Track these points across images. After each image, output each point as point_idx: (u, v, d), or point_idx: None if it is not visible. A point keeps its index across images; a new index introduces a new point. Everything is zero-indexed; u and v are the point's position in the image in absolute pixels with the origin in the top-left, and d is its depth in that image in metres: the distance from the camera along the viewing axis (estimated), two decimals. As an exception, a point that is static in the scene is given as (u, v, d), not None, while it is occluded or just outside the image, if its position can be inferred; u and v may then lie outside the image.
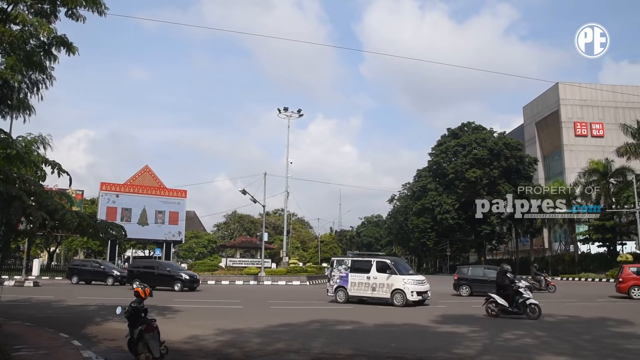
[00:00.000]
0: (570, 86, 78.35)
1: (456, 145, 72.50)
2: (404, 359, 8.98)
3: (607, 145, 67.45)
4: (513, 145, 70.79)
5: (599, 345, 10.42)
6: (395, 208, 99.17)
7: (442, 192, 72.50)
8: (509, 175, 69.97)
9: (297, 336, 11.64)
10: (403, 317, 15.82)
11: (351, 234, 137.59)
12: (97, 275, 36.11)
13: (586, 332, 12.54)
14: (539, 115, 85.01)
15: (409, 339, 11.79)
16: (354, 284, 21.25)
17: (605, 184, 53.84)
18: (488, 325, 13.86)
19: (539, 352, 9.41)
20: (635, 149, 48.68)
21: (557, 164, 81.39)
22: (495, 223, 70.94)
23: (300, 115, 49.31)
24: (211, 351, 9.67)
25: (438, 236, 75.55)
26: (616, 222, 52.01)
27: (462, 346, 10.21)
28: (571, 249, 61.78)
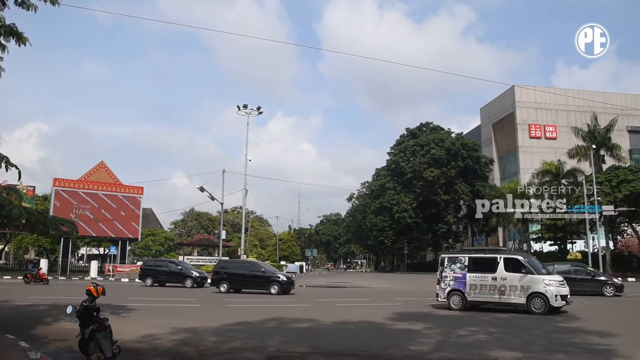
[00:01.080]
0: (525, 89, 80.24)
1: (415, 145, 73.37)
2: (359, 356, 9.01)
3: (560, 147, 69.29)
4: (470, 146, 72.08)
5: (548, 340, 10.70)
6: (354, 206, 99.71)
7: (400, 191, 73.25)
8: (466, 175, 71.22)
9: (253, 334, 11.56)
10: (359, 314, 15.90)
11: (310, 232, 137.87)
12: (174, 277, 32.15)
13: (536, 328, 12.84)
14: (496, 117, 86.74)
15: (365, 336, 11.84)
16: (474, 286, 17.26)
17: (557, 184, 55.34)
18: (443, 322, 14.04)
19: (491, 348, 9.58)
20: (586, 152, 50.20)
21: (512, 165, 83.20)
22: (452, 222, 72.20)
23: (260, 113, 49.03)
24: (165, 350, 9.51)
25: (396, 235, 76.30)
26: (567, 222, 53.50)
27: (416, 343, 10.32)
28: (525, 247, 63.25)
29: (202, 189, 41.92)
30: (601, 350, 9.37)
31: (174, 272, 32.01)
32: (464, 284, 17.47)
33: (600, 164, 51.62)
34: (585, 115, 62.45)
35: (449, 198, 69.75)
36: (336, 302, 20.91)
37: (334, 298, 23.37)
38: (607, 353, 9.05)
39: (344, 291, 30.25)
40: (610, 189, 46.43)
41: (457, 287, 17.66)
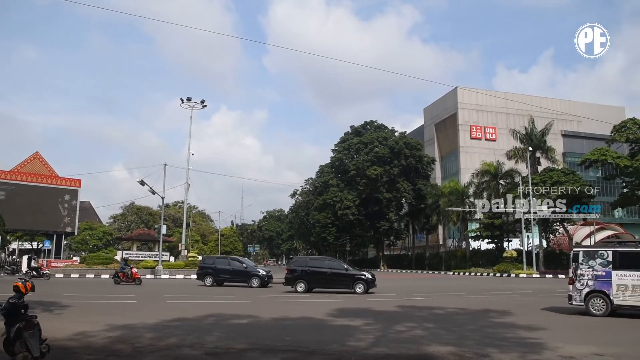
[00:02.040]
0: (467, 91, 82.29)
1: (359, 142, 74.04)
2: (297, 352, 9.00)
3: (499, 148, 71.56)
4: (413, 145, 73.30)
5: (481, 335, 10.98)
6: (297, 203, 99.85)
7: (343, 189, 73.80)
8: (408, 174, 72.40)
9: (192, 331, 11.38)
10: (299, 311, 15.91)
11: (253, 228, 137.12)
12: (239, 276, 29.38)
13: (471, 323, 13.17)
14: (438, 117, 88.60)
15: (304, 332, 11.85)
16: (623, 287, 14.22)
17: (495, 184, 57.06)
18: (382, 318, 14.20)
19: (427, 343, 9.75)
20: (523, 153, 51.94)
21: (453, 164, 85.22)
22: (394, 219, 73.24)
23: (204, 107, 48.33)
24: (99, 348, 9.23)
25: (338, 231, 76.86)
26: (504, 221, 55.21)
27: (355, 338, 10.39)
28: (463, 245, 64.87)
29: (142, 183, 40.92)
30: (530, 343, 9.70)
31: (238, 270, 29.43)
32: (609, 284, 14.57)
33: (536, 165, 53.51)
34: (524, 118, 64.53)
35: (391, 196, 70.75)
36: (276, 299, 20.85)
37: (274, 294, 23.29)
38: (536, 346, 9.37)
39: (285, 287, 30.18)
40: (545, 189, 48.21)
41: (598, 287, 14.78)
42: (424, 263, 69.17)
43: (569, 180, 48.75)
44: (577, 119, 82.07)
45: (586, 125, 78.81)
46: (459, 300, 20.59)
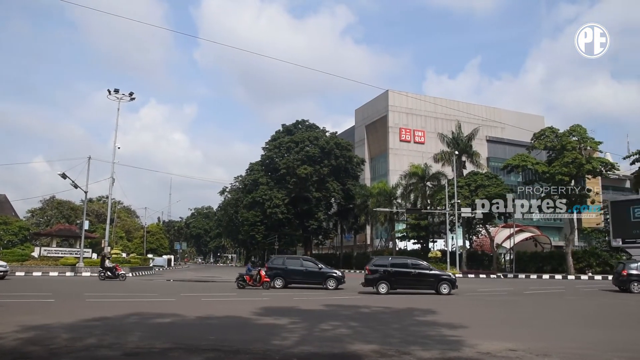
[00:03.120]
0: (398, 95, 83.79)
1: (290, 141, 74.02)
2: (221, 351, 8.85)
3: (427, 151, 73.32)
4: (343, 146, 73.98)
5: (405, 333, 11.18)
6: (226, 200, 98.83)
7: (273, 187, 73.57)
8: (338, 174, 73.01)
9: (111, 330, 10.99)
10: (225, 309, 15.71)
11: (180, 224, 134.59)
12: (313, 277, 27.58)
13: (395, 322, 13.40)
14: (369, 119, 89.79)
15: (229, 331, 11.69)
16: None
17: (422, 186, 58.45)
18: (308, 317, 14.22)
19: (351, 342, 9.82)
20: (449, 157, 53.43)
21: (382, 166, 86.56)
22: (323, 219, 73.68)
23: (132, 99, 46.81)
24: (9, 350, 8.69)
25: (267, 230, 76.59)
26: (430, 222, 56.66)
27: (280, 337, 10.34)
28: (390, 245, 66.01)
29: (64, 176, 39.29)
30: (451, 341, 9.95)
31: (312, 271, 27.75)
32: None
33: (461, 169, 55.16)
34: (451, 123, 66.31)
35: (320, 195, 71.16)
36: (202, 297, 20.51)
37: (200, 292, 22.92)
38: (456, 343, 9.62)
39: (212, 285, 29.81)
40: (469, 192, 49.84)
41: None
42: (351, 262, 69.92)
43: (492, 184, 50.65)
44: (501, 126, 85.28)
45: (509, 132, 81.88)
46: (385, 299, 20.91)
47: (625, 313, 17.21)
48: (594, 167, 45.88)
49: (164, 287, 25.94)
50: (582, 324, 14.18)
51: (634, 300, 21.91)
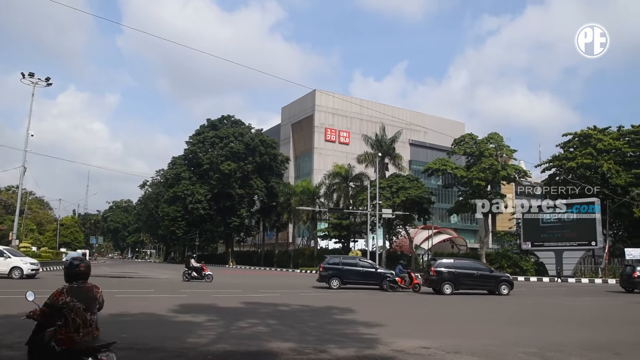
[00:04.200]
0: (325, 95, 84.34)
1: (214, 136, 72.95)
2: (134, 349, 8.54)
3: (351, 152, 74.19)
4: (268, 143, 73.70)
5: (322, 331, 11.21)
6: (146, 194, 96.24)
7: (195, 182, 72.30)
8: (262, 171, 72.70)
9: (13, 329, 10.36)
10: (140, 306, 15.23)
11: (97, 218, 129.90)
12: (369, 278, 27.12)
13: (313, 320, 13.44)
14: (296, 118, 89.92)
15: (144, 328, 11.34)
16: None
17: (345, 186, 59.12)
18: (226, 314, 14.03)
19: (269, 339, 9.75)
20: (373, 158, 54.27)
21: (307, 165, 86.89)
22: (245, 216, 73.14)
23: (49, 84, 44.59)
24: None
25: (188, 225, 75.24)
26: (351, 222, 57.37)
27: (196, 335, 10.12)
28: (312, 244, 66.38)
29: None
30: (367, 339, 10.07)
31: (369, 272, 27.33)
32: None
33: (384, 170, 56.13)
34: (376, 125, 67.37)
35: (244, 192, 70.60)
36: (116, 293, 19.79)
37: (115, 288, 22.11)
38: (372, 341, 9.74)
39: (128, 281, 28.90)
40: (390, 194, 50.84)
41: None
42: (272, 260, 69.84)
43: (413, 187, 51.88)
44: (424, 130, 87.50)
45: (431, 137, 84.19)
46: (304, 297, 20.96)
47: (544, 312, 18.02)
48: (509, 173, 47.99)
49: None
50: (494, 322, 14.71)
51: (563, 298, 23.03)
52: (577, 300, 23.40)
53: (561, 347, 9.65)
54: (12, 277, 25.62)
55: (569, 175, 51.83)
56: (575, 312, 18.39)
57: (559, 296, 25.74)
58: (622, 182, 46.92)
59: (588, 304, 21.81)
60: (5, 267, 26.04)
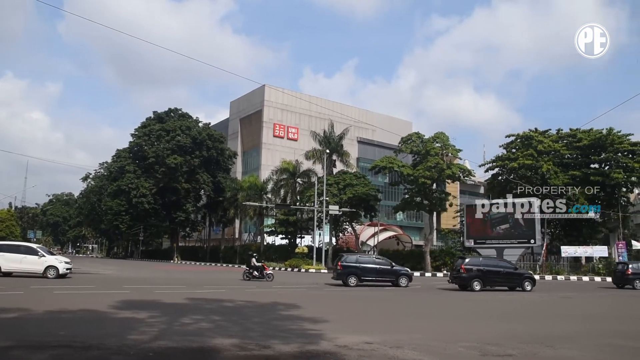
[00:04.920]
0: (275, 90, 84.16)
1: (161, 129, 71.56)
2: (71, 347, 8.30)
3: (299, 148, 74.18)
4: (216, 137, 72.93)
5: (266, 327, 11.19)
6: (89, 187, 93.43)
7: (140, 176, 70.79)
8: (209, 166, 71.89)
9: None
10: (80, 303, 14.82)
11: (36, 211, 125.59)
12: (386, 275, 28.01)
13: (258, 316, 13.39)
14: (244, 112, 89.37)
15: (83, 326, 11.04)
16: None
17: (293, 182, 59.15)
18: (169, 310, 13.83)
19: (212, 335, 9.65)
20: (321, 155, 54.48)
21: (254, 160, 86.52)
22: (191, 211, 72.21)
23: (-15, 72, 42.75)
24: None
25: (132, 220, 73.58)
26: (298, 218, 57.45)
27: (137, 332, 9.92)
28: (258, 239, 66.15)
29: None
30: (311, 334, 10.10)
31: (385, 269, 28.13)
32: None
33: (331, 167, 56.43)
34: (324, 122, 67.64)
35: (190, 186, 69.66)
36: (55, 289, 19.20)
37: (53, 285, 21.44)
38: (316, 337, 9.78)
39: (67, 277, 28.02)
40: (338, 190, 51.17)
41: None
42: (218, 256, 69.27)
43: (360, 184, 52.39)
44: (372, 128, 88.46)
45: (379, 135, 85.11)
46: (250, 293, 20.85)
47: (479, 308, 18.49)
48: (454, 172, 49.05)
49: (8, 280, 23.87)
50: (434, 317, 15.02)
51: (521, 296, 23.62)
52: (551, 295, 24.16)
53: (499, 341, 9.95)
54: (47, 276, 24.84)
55: (510, 175, 53.52)
56: (529, 306, 18.98)
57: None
58: (560, 183, 48.78)
59: (544, 299, 22.52)
60: (39, 267, 25.20)
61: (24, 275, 25.33)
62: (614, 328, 13.07)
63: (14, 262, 25.04)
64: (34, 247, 26.52)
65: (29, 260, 25.07)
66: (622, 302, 22.75)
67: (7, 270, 25.11)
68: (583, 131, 52.35)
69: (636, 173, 48.74)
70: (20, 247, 26.54)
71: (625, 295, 26.35)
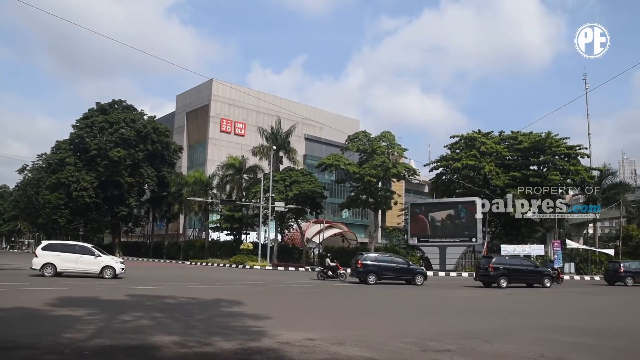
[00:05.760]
0: (222, 85, 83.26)
1: (104, 121, 69.43)
2: (2, 348, 7.97)
3: (246, 144, 73.81)
4: (161, 131, 71.45)
5: (209, 324, 11.08)
6: (26, 179, 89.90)
7: (81, 168, 68.54)
8: (154, 160, 70.38)
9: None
10: (14, 300, 14.28)
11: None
12: (402, 273, 29.34)
13: (200, 312, 13.24)
14: (191, 106, 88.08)
15: (16, 324, 10.61)
16: None
17: (239, 178, 58.76)
18: (109, 307, 13.49)
19: (152, 333, 9.47)
20: (267, 151, 54.30)
21: (200, 155, 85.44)
22: (134, 205, 70.59)
23: None
24: None
25: (72, 214, 71.19)
26: (244, 214, 57.11)
27: (74, 330, 9.62)
28: (203, 235, 65.42)
29: None
30: (254, 331, 10.06)
31: (402, 268, 29.44)
32: None
33: (278, 164, 56.31)
34: (272, 118, 67.38)
35: (133, 181, 67.99)
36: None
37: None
38: (258, 334, 9.74)
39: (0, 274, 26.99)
40: (284, 187, 51.13)
41: None
42: (162, 252, 68.14)
43: (306, 181, 52.47)
44: (320, 126, 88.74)
45: (327, 132, 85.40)
46: (192, 289, 20.61)
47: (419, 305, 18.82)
48: (399, 171, 49.80)
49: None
50: (375, 314, 15.19)
51: (499, 293, 24.06)
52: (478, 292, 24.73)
53: (439, 337, 10.16)
54: (104, 276, 24.61)
55: (454, 175, 54.80)
56: (469, 303, 19.42)
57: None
58: (501, 184, 50.27)
59: (483, 295, 23.08)
60: (96, 267, 24.94)
61: (80, 275, 24.99)
62: (557, 323, 13.52)
63: (70, 262, 24.75)
64: (89, 247, 26.17)
65: (85, 260, 24.88)
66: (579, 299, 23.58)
67: (62, 270, 24.76)
68: (523, 134, 54.04)
69: (572, 175, 50.65)
70: (75, 246, 26.16)
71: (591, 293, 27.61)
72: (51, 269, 24.26)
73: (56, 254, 24.59)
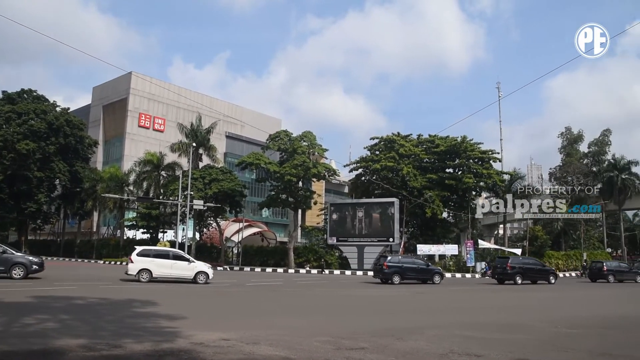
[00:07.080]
0: (142, 79, 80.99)
1: (11, 111, 65.54)
2: None
3: (166, 140, 72.00)
4: (75, 124, 68.34)
5: (119, 325, 10.71)
6: None
7: (-15, 161, 64.49)
8: (66, 154, 67.26)
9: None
10: None
11: None
12: (422, 274, 32.08)
13: (111, 314, 12.78)
14: (108, 99, 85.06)
15: None
16: None
17: (157, 175, 57.35)
18: (9, 310, 12.75)
19: (57, 336, 9.00)
20: (187, 148, 53.24)
21: (117, 150, 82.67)
22: (44, 202, 67.16)
23: None
24: None
25: (-27, 210, 66.93)
26: (161, 212, 55.79)
27: (-33, 335, 9.01)
28: (118, 233, 63.38)
29: None
30: (167, 332, 9.81)
31: (423, 268, 32.35)
32: None
33: (198, 161, 55.45)
34: (192, 114, 66.25)
35: (43, 175, 64.64)
36: None
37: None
38: (171, 334, 9.50)
39: None
40: (203, 185, 50.38)
41: None
42: (73, 250, 65.41)
43: (226, 179, 51.88)
44: (241, 124, 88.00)
45: (248, 131, 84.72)
46: (104, 290, 19.89)
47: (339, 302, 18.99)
48: (319, 171, 50.16)
49: None
50: (292, 313, 15.21)
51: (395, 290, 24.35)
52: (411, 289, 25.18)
53: (354, 335, 10.26)
54: (197, 282, 25.56)
55: (373, 176, 55.89)
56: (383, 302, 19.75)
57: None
58: (418, 185, 51.77)
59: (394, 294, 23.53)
60: (190, 272, 25.80)
61: (173, 281, 25.76)
62: (472, 320, 13.99)
63: (165, 268, 25.52)
64: (182, 253, 27.30)
65: (179, 266, 25.68)
66: (501, 295, 24.47)
67: (157, 276, 25.31)
68: (441, 138, 55.91)
69: (484, 179, 52.85)
70: (169, 253, 27.03)
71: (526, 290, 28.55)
72: (147, 275, 24.96)
73: (152, 260, 25.43)
